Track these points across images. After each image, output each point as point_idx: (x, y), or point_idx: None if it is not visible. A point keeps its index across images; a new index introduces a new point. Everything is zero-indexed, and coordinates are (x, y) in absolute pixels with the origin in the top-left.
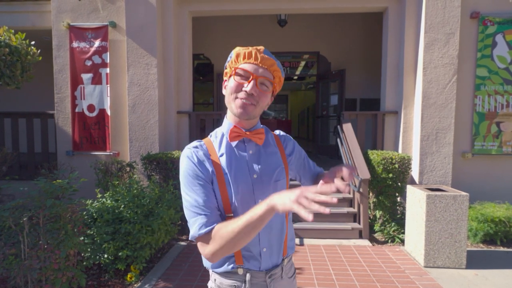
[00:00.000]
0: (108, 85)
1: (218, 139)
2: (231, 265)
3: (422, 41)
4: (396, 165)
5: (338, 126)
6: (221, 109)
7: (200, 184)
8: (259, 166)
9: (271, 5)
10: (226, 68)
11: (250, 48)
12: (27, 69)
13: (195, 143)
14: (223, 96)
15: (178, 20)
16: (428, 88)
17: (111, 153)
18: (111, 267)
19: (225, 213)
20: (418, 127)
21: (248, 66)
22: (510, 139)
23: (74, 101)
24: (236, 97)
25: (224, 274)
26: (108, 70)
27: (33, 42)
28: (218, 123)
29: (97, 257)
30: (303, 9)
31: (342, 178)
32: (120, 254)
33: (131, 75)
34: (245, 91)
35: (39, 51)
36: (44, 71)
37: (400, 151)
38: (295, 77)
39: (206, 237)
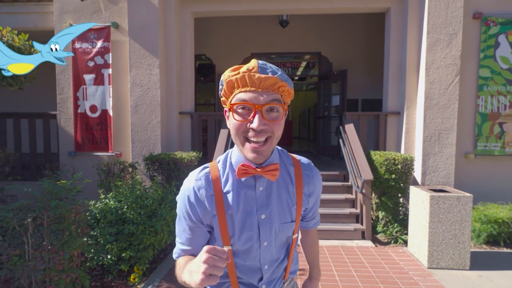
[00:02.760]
0: (110, 86)
1: (227, 170)
2: None
3: (425, 42)
4: (399, 166)
5: (340, 127)
6: (223, 110)
7: (189, 226)
8: (269, 206)
9: (273, 5)
10: (221, 97)
11: (241, 71)
12: None
13: (200, 174)
14: None
15: (180, 20)
16: (431, 88)
17: (113, 154)
18: (114, 268)
19: (223, 244)
20: (420, 127)
21: (246, 97)
22: None
23: (77, 101)
24: (245, 138)
25: None
26: (110, 70)
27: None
28: (220, 123)
29: (101, 258)
30: (305, 9)
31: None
32: (123, 255)
33: (133, 75)
34: (253, 129)
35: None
36: (46, 72)
37: (402, 151)
38: (296, 78)
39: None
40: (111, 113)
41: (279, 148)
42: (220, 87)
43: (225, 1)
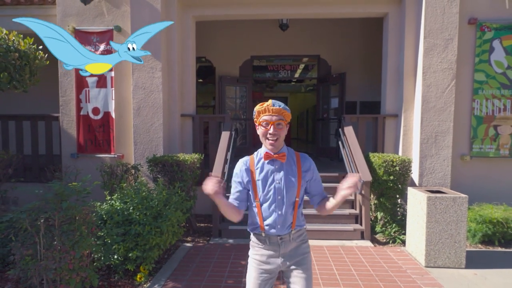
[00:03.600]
0: (113, 89)
1: (258, 157)
2: (258, 230)
3: (422, 46)
4: (397, 168)
5: (340, 129)
6: (223, 112)
7: (236, 186)
8: (281, 177)
9: (273, 10)
10: (255, 118)
11: (264, 106)
12: (34, 73)
13: (245, 158)
14: (226, 98)
15: (182, 24)
16: (428, 92)
17: (116, 156)
18: (120, 267)
19: (255, 198)
20: (418, 130)
21: (266, 117)
22: (507, 142)
23: (79, 104)
24: (266, 138)
25: (255, 235)
26: (113, 73)
27: (40, 47)
28: (221, 126)
29: (108, 257)
30: (305, 14)
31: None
32: (130, 255)
33: (135, 78)
34: (270, 133)
35: (46, 55)
36: (49, 74)
37: (400, 153)
38: (295, 80)
39: None
40: (113, 115)
41: (287, 147)
42: (254, 113)
43: (226, 5)
